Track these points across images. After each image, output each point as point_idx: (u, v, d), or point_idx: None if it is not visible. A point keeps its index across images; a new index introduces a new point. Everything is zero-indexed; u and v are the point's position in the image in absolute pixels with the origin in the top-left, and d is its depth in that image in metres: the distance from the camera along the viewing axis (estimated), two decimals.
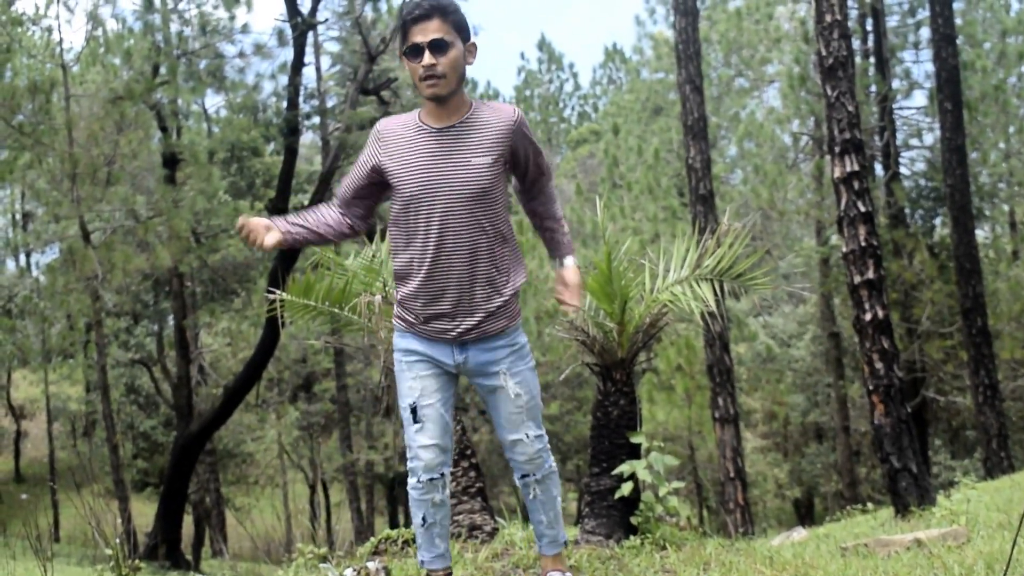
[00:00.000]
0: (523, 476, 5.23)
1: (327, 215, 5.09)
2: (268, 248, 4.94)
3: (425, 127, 4.81)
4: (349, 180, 5.06)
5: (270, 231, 4.94)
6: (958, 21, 24.99)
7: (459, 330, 4.88)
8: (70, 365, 42.28)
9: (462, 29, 4.75)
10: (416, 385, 4.97)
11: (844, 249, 10.79)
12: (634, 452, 7.44)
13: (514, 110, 4.86)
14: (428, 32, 4.65)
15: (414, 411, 4.97)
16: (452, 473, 7.69)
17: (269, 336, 25.66)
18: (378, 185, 4.99)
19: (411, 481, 5.08)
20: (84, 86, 27.10)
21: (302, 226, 5.04)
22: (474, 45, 4.81)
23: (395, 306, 5.06)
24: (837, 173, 10.76)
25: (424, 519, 5.13)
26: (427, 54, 4.64)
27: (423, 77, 4.67)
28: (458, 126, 4.77)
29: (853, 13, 26.78)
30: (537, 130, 67.95)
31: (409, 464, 5.07)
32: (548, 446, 5.21)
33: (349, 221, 5.10)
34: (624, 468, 7.30)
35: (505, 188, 4.89)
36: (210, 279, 38.06)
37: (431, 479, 5.01)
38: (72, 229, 25.62)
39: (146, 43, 25.44)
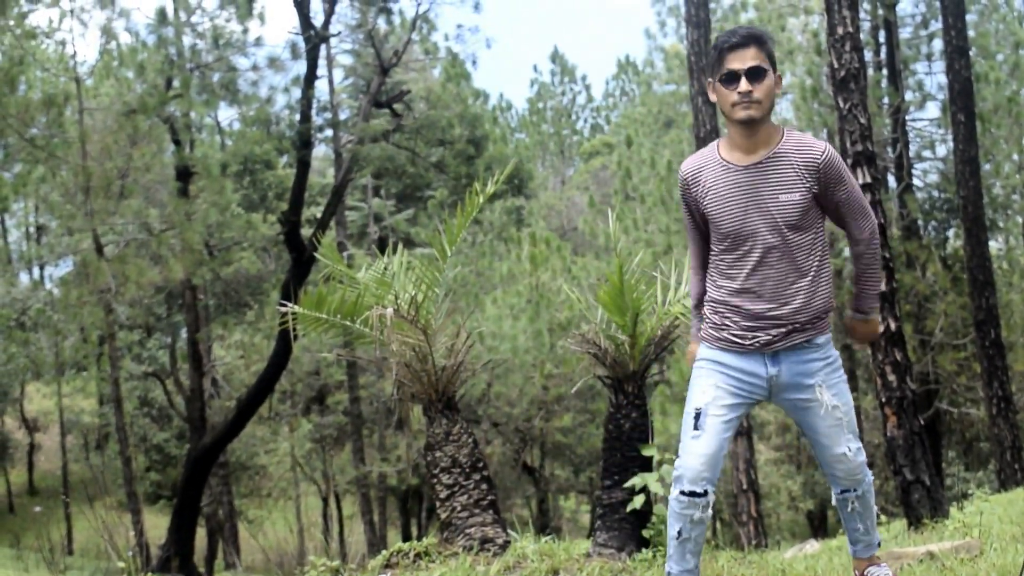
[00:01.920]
0: (843, 492, 5.23)
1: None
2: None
3: (731, 165, 4.95)
4: (691, 228, 5.25)
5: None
6: (971, 33, 24.93)
7: (769, 336, 4.96)
8: (83, 378, 42.44)
9: (773, 59, 4.89)
10: (711, 392, 5.03)
11: None
12: (646, 465, 7.43)
13: (823, 148, 4.92)
14: (746, 60, 4.80)
15: (698, 416, 5.00)
16: (464, 486, 7.69)
17: (282, 349, 25.68)
18: None
19: (673, 492, 5.08)
20: (97, 99, 27.19)
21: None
22: (780, 76, 4.93)
23: (704, 328, 5.21)
24: None
25: (680, 532, 5.11)
26: (743, 81, 4.79)
27: (737, 102, 4.80)
28: (765, 162, 4.88)
29: (866, 25, 26.75)
30: (550, 143, 67.81)
31: (675, 472, 5.08)
32: (866, 460, 5.20)
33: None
34: (636, 481, 7.29)
35: (820, 218, 5.02)
36: (223, 292, 38.18)
37: (693, 492, 4.99)
38: (85, 242, 25.68)
39: (159, 56, 25.50)
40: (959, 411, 28.22)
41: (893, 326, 10.53)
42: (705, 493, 4.98)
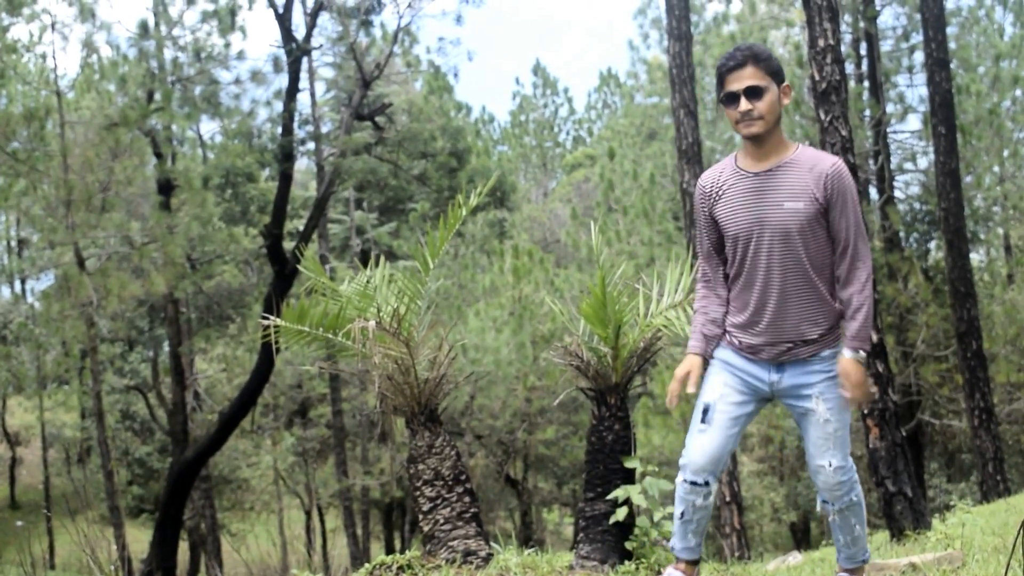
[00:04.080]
0: (823, 502, 5.44)
1: (712, 306, 5.43)
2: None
3: (743, 172, 5.15)
4: (704, 238, 5.39)
5: (691, 372, 5.34)
6: (952, 45, 25.01)
7: (773, 352, 5.16)
8: (65, 392, 42.26)
9: (775, 73, 5.12)
10: (719, 389, 5.30)
11: None
12: (629, 477, 7.42)
13: (834, 160, 5.08)
14: (743, 80, 5.04)
15: (706, 411, 5.31)
16: (446, 499, 7.67)
17: (264, 362, 25.63)
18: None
19: (679, 477, 5.46)
20: (79, 113, 27.08)
21: (708, 336, 5.41)
22: (789, 87, 5.15)
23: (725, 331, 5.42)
24: None
25: (683, 514, 5.52)
26: (743, 100, 5.03)
27: (739, 120, 5.04)
28: (775, 170, 5.07)
29: (847, 38, 26.82)
30: (532, 155, 67.72)
31: (681, 460, 5.43)
32: (855, 478, 5.35)
33: (721, 292, 5.41)
34: (619, 493, 7.27)
35: (825, 230, 5.09)
36: (205, 305, 38.03)
37: (695, 483, 5.37)
38: (67, 255, 25.59)
39: (141, 69, 25.42)
40: (941, 423, 28.24)
41: (875, 338, 10.54)
42: (706, 484, 5.34)
